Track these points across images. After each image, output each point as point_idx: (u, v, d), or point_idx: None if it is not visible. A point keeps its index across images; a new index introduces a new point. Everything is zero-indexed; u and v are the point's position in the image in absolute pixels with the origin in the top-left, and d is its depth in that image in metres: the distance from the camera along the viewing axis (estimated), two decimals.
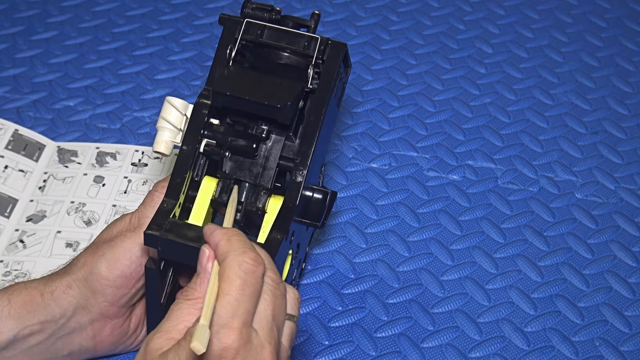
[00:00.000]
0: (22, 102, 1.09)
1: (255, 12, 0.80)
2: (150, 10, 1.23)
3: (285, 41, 0.79)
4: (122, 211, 0.96)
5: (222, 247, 0.65)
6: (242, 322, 0.62)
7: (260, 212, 0.77)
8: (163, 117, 0.77)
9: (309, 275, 0.93)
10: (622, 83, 1.17)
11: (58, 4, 1.23)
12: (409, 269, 0.94)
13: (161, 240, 0.72)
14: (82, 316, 0.77)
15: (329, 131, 0.83)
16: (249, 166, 0.77)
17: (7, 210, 0.96)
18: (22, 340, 0.76)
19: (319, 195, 0.79)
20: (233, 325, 0.62)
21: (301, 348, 0.86)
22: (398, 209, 1.00)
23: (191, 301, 0.65)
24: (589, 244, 0.98)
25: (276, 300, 0.66)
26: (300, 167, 0.77)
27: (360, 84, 1.14)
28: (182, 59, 1.16)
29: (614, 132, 1.10)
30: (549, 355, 0.88)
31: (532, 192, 1.03)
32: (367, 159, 1.05)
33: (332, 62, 0.79)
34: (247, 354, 0.62)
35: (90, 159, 1.02)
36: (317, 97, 0.79)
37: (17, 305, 0.76)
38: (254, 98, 0.74)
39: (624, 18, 1.27)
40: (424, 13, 1.25)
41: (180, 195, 0.75)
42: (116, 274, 0.76)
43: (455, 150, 1.06)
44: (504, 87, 1.15)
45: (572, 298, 0.93)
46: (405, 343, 0.87)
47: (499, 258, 0.96)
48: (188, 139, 0.77)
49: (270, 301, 0.65)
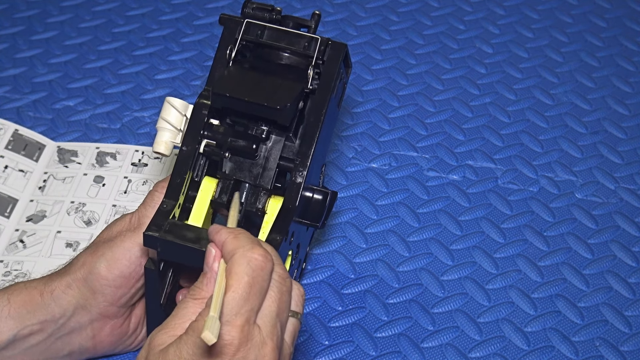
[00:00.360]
0: (22, 102, 1.09)
1: (255, 12, 0.80)
2: (150, 10, 1.23)
3: (285, 41, 0.79)
4: (122, 211, 0.96)
5: (229, 244, 0.65)
6: (245, 319, 0.62)
7: (260, 213, 0.77)
8: (163, 117, 0.77)
9: (309, 275, 0.93)
10: (622, 83, 1.17)
11: (58, 4, 1.23)
12: (409, 269, 0.94)
13: (160, 241, 0.72)
14: (81, 316, 0.77)
15: (329, 131, 0.83)
16: (249, 167, 0.77)
17: (7, 210, 0.96)
18: (22, 340, 0.76)
19: (319, 196, 0.79)
20: (235, 322, 0.62)
21: (301, 348, 0.86)
22: (398, 209, 1.00)
23: (197, 300, 0.65)
24: (589, 244, 0.98)
25: (282, 296, 0.66)
26: (300, 168, 0.77)
27: (360, 84, 1.14)
28: (182, 59, 1.16)
29: (614, 132, 1.10)
30: (549, 355, 0.88)
31: (532, 192, 1.03)
32: (367, 159, 1.05)
33: (332, 62, 0.79)
34: (248, 351, 0.62)
35: (90, 159, 1.02)
36: (317, 98, 0.79)
37: (16, 304, 0.76)
38: (253, 99, 0.74)
39: (624, 18, 1.27)
40: (424, 13, 1.25)
41: (179, 196, 0.75)
42: (115, 273, 0.76)
43: (455, 150, 1.06)
44: (504, 87, 1.15)
45: (572, 298, 0.93)
46: (405, 343, 0.87)
47: (499, 258, 0.96)
48: (188, 139, 0.77)
49: (276, 298, 0.65)
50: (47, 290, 0.76)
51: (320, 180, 0.84)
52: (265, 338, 0.64)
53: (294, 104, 0.76)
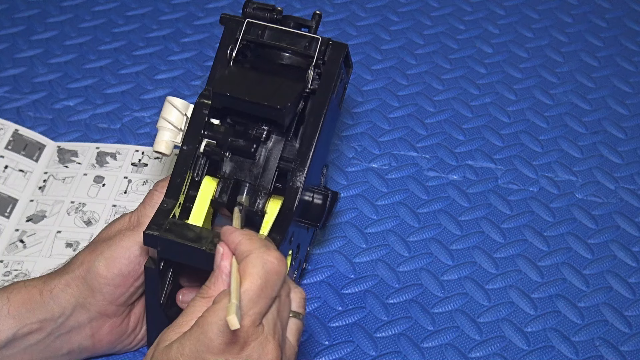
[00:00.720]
0: (22, 102, 1.09)
1: (256, 12, 0.80)
2: (150, 10, 1.23)
3: (286, 41, 0.79)
4: (122, 211, 0.96)
5: (244, 245, 0.65)
6: (252, 321, 0.63)
7: (260, 213, 0.77)
8: (163, 117, 0.77)
9: (309, 275, 0.93)
10: (622, 83, 1.17)
11: (58, 4, 1.23)
12: (409, 269, 0.94)
13: (161, 240, 0.72)
14: (80, 315, 0.77)
15: (330, 132, 0.82)
16: (249, 167, 0.77)
17: (7, 210, 0.96)
18: (22, 338, 0.76)
19: (319, 198, 0.79)
20: (243, 323, 0.62)
21: (301, 348, 0.86)
22: (398, 209, 1.00)
23: (205, 299, 0.66)
24: (589, 244, 0.98)
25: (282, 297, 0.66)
26: (299, 170, 0.77)
27: (360, 84, 1.14)
28: (182, 59, 1.16)
29: (614, 132, 1.10)
30: (549, 355, 0.88)
31: (532, 192, 1.03)
32: (367, 159, 1.05)
33: (332, 63, 0.79)
34: (252, 350, 0.63)
35: (90, 159, 1.02)
36: (318, 99, 0.78)
37: (16, 303, 0.76)
38: (253, 99, 0.74)
39: (624, 18, 1.27)
40: (424, 13, 1.25)
41: (180, 195, 0.75)
42: (114, 272, 0.76)
43: (455, 150, 1.06)
44: (504, 87, 1.15)
45: (572, 298, 0.92)
46: (405, 343, 0.87)
47: (499, 258, 0.96)
48: (188, 139, 0.77)
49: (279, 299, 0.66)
50: (47, 289, 0.76)
51: (322, 181, 0.84)
52: (268, 336, 0.64)
53: (294, 104, 0.76)
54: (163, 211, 0.74)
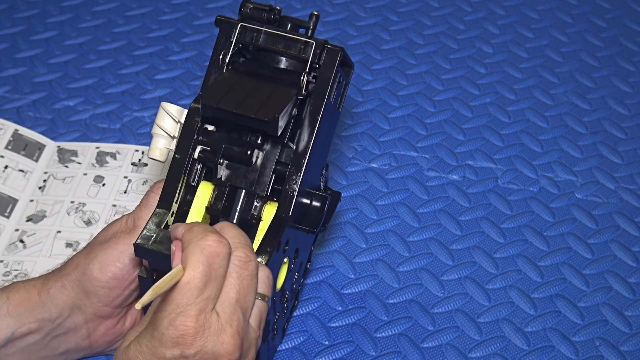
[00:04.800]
0: (22, 102, 1.09)
1: (253, 12, 0.79)
2: (150, 10, 1.23)
3: (280, 45, 0.78)
4: (122, 211, 0.96)
5: (185, 237, 0.66)
6: (200, 309, 0.63)
7: (255, 220, 0.76)
8: (157, 123, 0.77)
9: (309, 275, 0.93)
10: (622, 83, 1.17)
11: (58, 4, 1.23)
12: (409, 269, 0.94)
13: (150, 252, 0.72)
14: (77, 316, 0.77)
15: (329, 134, 0.81)
16: (244, 172, 0.76)
17: (7, 210, 0.96)
18: (20, 338, 0.76)
19: (317, 202, 0.78)
20: (190, 312, 0.62)
21: (301, 348, 0.86)
22: (398, 209, 1.00)
23: None
24: (589, 244, 0.98)
25: (242, 281, 0.65)
26: (294, 176, 0.76)
27: (360, 84, 1.14)
28: (182, 59, 1.16)
29: (614, 132, 1.10)
30: (549, 355, 0.88)
31: (532, 192, 1.03)
32: (367, 159, 1.05)
33: (327, 68, 0.77)
34: (205, 339, 0.63)
35: (90, 159, 1.02)
36: (314, 104, 0.77)
37: (15, 303, 0.76)
38: (242, 111, 0.72)
39: (624, 18, 1.27)
40: (424, 13, 1.25)
41: (172, 204, 0.75)
42: (109, 276, 0.76)
43: (455, 150, 1.06)
44: (504, 87, 1.15)
45: (572, 298, 0.92)
46: (405, 343, 0.87)
47: (499, 258, 0.96)
48: (181, 147, 0.76)
49: (235, 283, 0.65)
50: (45, 290, 0.77)
51: (322, 182, 0.83)
52: (224, 324, 0.63)
53: (287, 113, 0.75)
54: (155, 221, 0.73)
